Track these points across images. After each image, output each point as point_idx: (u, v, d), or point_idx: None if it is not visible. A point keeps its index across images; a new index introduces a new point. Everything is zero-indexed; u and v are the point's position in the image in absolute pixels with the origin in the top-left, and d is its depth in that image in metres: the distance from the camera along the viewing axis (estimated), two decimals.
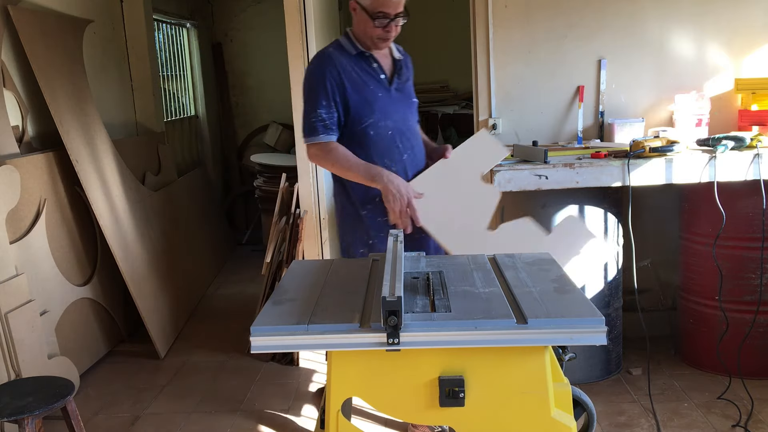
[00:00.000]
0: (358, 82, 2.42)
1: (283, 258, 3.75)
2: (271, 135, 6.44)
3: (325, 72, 2.40)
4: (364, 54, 2.46)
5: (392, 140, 2.48)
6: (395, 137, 2.49)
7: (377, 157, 2.46)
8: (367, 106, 2.43)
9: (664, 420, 2.86)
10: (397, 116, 2.50)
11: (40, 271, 3.26)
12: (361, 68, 2.45)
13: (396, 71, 2.53)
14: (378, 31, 2.36)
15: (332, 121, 2.42)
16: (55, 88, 3.56)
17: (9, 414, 2.17)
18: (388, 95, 2.48)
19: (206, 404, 3.26)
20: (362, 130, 2.45)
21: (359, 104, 2.42)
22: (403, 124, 2.51)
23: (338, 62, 2.42)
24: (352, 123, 2.45)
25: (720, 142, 2.89)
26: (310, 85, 2.44)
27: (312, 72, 2.45)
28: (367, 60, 2.47)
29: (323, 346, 1.47)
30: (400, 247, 1.83)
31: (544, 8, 3.41)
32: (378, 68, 2.48)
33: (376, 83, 2.46)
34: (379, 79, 2.47)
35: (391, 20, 2.34)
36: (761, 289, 3.08)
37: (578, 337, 1.38)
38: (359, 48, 2.45)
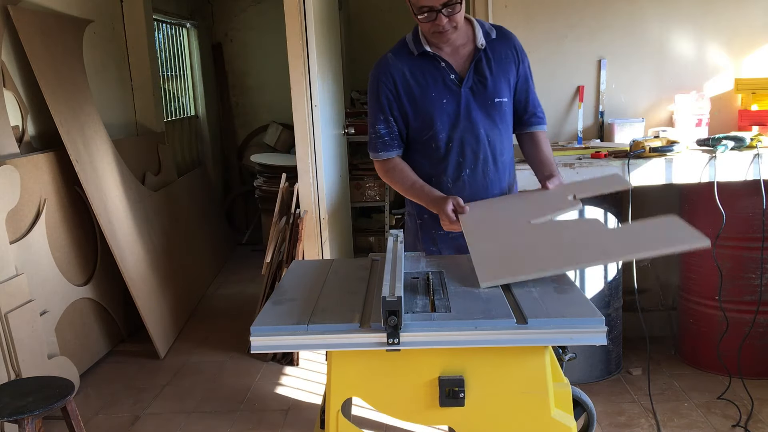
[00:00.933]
0: (418, 89, 2.15)
1: (283, 258, 3.75)
2: (271, 135, 6.44)
3: (380, 84, 2.17)
4: (428, 53, 2.14)
5: (453, 154, 2.18)
6: (457, 150, 2.18)
7: (440, 171, 2.20)
8: (427, 117, 2.15)
9: (664, 420, 2.86)
10: (464, 124, 2.16)
11: (40, 271, 3.26)
12: (425, 70, 2.15)
13: (473, 65, 2.15)
14: (427, 25, 2.06)
15: (392, 137, 2.19)
16: (55, 88, 3.55)
17: (9, 414, 2.17)
18: (455, 100, 2.15)
19: (206, 404, 3.26)
20: (424, 142, 2.20)
21: (418, 116, 2.16)
22: (470, 133, 2.16)
23: (395, 70, 2.16)
24: (413, 133, 2.21)
25: (720, 142, 2.89)
26: (369, 97, 2.23)
27: (370, 83, 2.22)
28: (431, 60, 2.15)
29: (323, 346, 1.47)
30: (400, 247, 1.83)
31: (544, 8, 3.41)
32: (446, 68, 2.14)
33: (441, 87, 2.14)
34: (446, 81, 2.14)
35: (438, 11, 2.00)
36: (761, 289, 3.08)
37: (578, 337, 1.38)
38: (423, 47, 2.14)
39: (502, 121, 2.20)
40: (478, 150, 2.18)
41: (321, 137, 3.69)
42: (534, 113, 2.28)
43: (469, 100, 2.15)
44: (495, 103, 2.16)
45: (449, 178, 2.20)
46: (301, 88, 3.60)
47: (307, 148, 3.67)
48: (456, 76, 2.15)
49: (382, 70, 2.18)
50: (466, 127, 2.16)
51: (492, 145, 2.19)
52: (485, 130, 2.17)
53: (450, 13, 2.00)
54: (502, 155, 2.23)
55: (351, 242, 4.85)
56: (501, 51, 2.18)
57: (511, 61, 2.19)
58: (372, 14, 6.07)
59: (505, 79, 2.18)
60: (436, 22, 2.02)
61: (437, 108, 2.14)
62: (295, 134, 3.67)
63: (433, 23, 2.02)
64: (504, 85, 2.17)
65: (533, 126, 2.29)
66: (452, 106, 2.15)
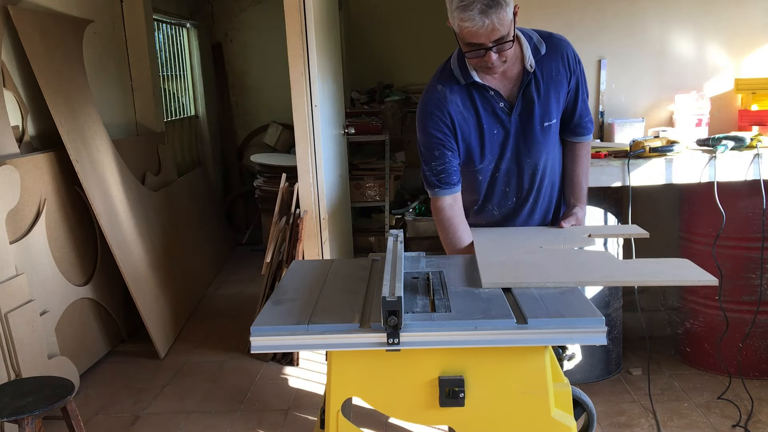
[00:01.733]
0: (470, 122, 2.05)
1: (283, 258, 3.75)
2: (271, 135, 6.44)
3: (434, 118, 2.04)
4: (476, 83, 2.02)
5: (500, 184, 2.14)
6: (503, 180, 2.13)
7: (486, 199, 2.18)
8: (478, 149, 2.08)
9: (664, 420, 2.86)
10: (512, 153, 2.09)
11: (40, 271, 3.26)
12: (475, 101, 2.04)
13: (521, 90, 2.03)
14: (475, 61, 1.92)
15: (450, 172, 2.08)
16: (55, 88, 3.55)
17: (9, 414, 2.17)
18: (504, 130, 2.06)
19: (206, 404, 3.26)
20: (472, 174, 2.13)
21: (470, 149, 2.08)
22: (516, 161, 2.10)
23: (448, 102, 2.03)
24: (463, 165, 2.13)
25: (720, 142, 2.89)
26: (420, 131, 2.10)
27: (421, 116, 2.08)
28: (480, 89, 2.03)
29: (323, 346, 1.47)
30: (400, 247, 1.83)
31: (544, 8, 3.41)
32: (495, 96, 2.03)
33: (491, 118, 2.05)
34: (495, 111, 2.04)
35: (488, 49, 1.85)
36: (761, 289, 3.08)
37: (578, 337, 1.38)
38: (471, 77, 2.01)
39: (551, 143, 2.11)
40: (525, 178, 2.13)
41: (321, 137, 3.69)
42: (580, 123, 2.16)
43: (518, 128, 2.06)
44: (544, 128, 2.07)
45: (494, 206, 2.18)
46: (301, 88, 3.60)
47: (307, 148, 3.67)
48: (505, 104, 2.04)
49: (434, 104, 2.05)
50: (513, 156, 2.09)
51: (538, 172, 2.12)
52: (532, 156, 2.10)
53: (500, 50, 1.86)
54: (548, 178, 2.16)
55: (351, 242, 4.85)
56: (551, 67, 2.03)
57: (562, 76, 2.05)
58: (372, 14, 6.07)
59: (555, 98, 2.06)
60: (485, 58, 1.88)
61: (489, 140, 2.06)
62: (295, 134, 3.67)
63: (482, 59, 1.89)
64: (553, 105, 2.07)
65: (578, 136, 2.18)
66: (501, 136, 2.07)
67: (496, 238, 2.06)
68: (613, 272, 1.70)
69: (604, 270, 1.70)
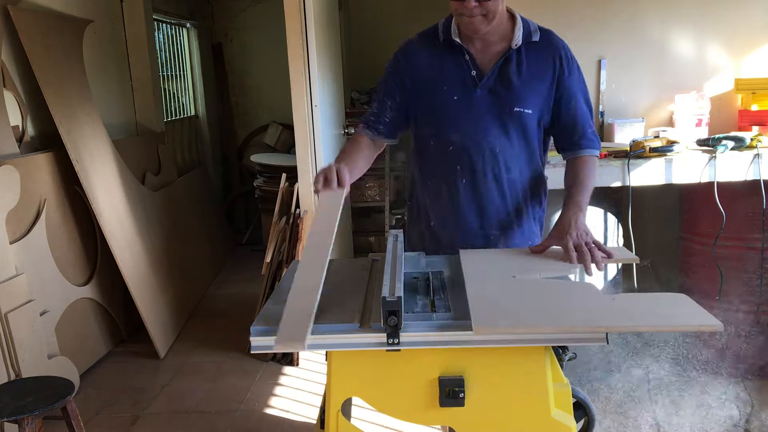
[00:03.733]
0: (431, 80, 1.94)
1: (283, 258, 3.75)
2: (271, 135, 6.44)
3: (393, 65, 2.00)
4: (453, 42, 1.92)
5: (452, 159, 1.96)
6: (457, 155, 1.95)
7: (435, 174, 2.02)
8: (432, 113, 1.96)
9: (664, 420, 2.86)
10: (472, 127, 1.92)
11: (40, 271, 3.26)
12: (445, 60, 1.93)
13: (499, 65, 1.91)
14: (454, 4, 1.82)
15: (381, 119, 2.01)
16: (55, 89, 3.55)
17: (9, 414, 2.17)
18: (467, 99, 1.92)
19: (206, 404, 3.26)
20: (425, 140, 2.01)
21: (423, 110, 1.98)
22: (473, 139, 1.93)
23: (413, 54, 1.97)
24: (416, 129, 2.03)
25: (720, 142, 2.89)
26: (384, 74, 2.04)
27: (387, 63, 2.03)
28: (455, 50, 1.93)
29: (323, 346, 1.47)
30: (400, 247, 1.83)
31: (544, 8, 3.41)
32: (468, 62, 1.92)
33: (456, 83, 1.92)
34: (464, 77, 1.92)
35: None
36: (761, 289, 3.08)
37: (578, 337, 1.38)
38: (449, 33, 1.92)
39: (519, 135, 1.94)
40: (479, 160, 1.94)
41: (321, 137, 3.69)
42: (584, 134, 1.96)
43: (483, 103, 1.91)
44: (514, 113, 1.90)
45: (444, 184, 2.00)
46: (301, 88, 3.60)
47: (307, 148, 3.67)
48: (477, 73, 1.91)
49: (402, 50, 2.00)
50: (470, 133, 1.93)
51: (496, 158, 1.94)
52: (492, 139, 1.92)
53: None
54: (509, 172, 1.96)
55: (351, 242, 4.85)
56: (540, 57, 1.92)
57: (549, 71, 1.92)
58: (372, 14, 6.07)
59: (535, 89, 1.91)
60: (464, 3, 1.78)
61: (446, 104, 1.92)
62: (295, 134, 3.67)
63: (461, 4, 1.79)
64: (533, 95, 1.91)
65: (582, 150, 1.96)
66: (462, 106, 1.91)
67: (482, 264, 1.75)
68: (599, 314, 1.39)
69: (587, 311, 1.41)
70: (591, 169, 1.96)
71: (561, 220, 1.82)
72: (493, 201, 1.99)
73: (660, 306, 1.42)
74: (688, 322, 1.36)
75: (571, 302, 1.47)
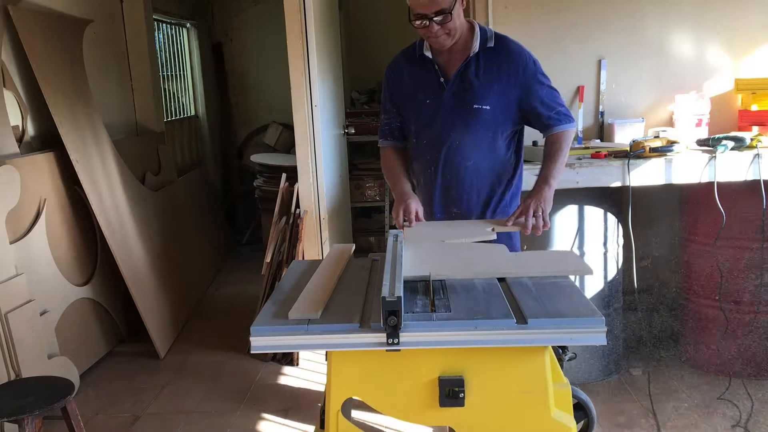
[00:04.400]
0: (411, 89, 2.33)
1: (283, 258, 3.75)
2: (271, 135, 6.44)
3: (387, 78, 2.41)
4: (425, 57, 2.30)
5: (425, 151, 2.34)
6: (429, 148, 2.33)
7: (416, 164, 2.41)
8: (413, 114, 2.34)
9: (664, 420, 2.86)
10: (440, 125, 2.29)
11: (40, 271, 3.26)
12: (420, 72, 2.31)
13: (461, 71, 2.26)
14: (422, 31, 2.18)
15: (391, 127, 2.41)
16: (55, 88, 3.55)
17: (9, 414, 2.17)
18: (437, 101, 2.28)
19: (206, 404, 3.26)
20: (413, 136, 2.39)
21: (408, 113, 2.37)
22: (442, 134, 2.29)
23: (398, 69, 2.37)
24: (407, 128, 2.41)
25: (720, 142, 2.89)
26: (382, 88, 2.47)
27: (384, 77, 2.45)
28: (428, 63, 2.30)
29: (323, 346, 1.47)
30: (400, 247, 1.83)
31: (544, 8, 3.41)
32: (437, 71, 2.28)
33: (428, 89, 2.29)
34: (433, 84, 2.29)
35: (430, 19, 2.11)
36: (761, 289, 3.08)
37: (578, 337, 1.38)
38: (422, 50, 2.30)
39: (480, 128, 2.25)
40: (444, 151, 2.29)
41: (321, 137, 3.69)
42: (550, 115, 2.26)
43: (449, 104, 2.26)
44: (474, 109, 2.23)
45: (420, 174, 2.39)
46: (301, 88, 3.60)
47: (307, 148, 3.67)
48: (445, 80, 2.27)
49: (390, 66, 2.40)
50: (438, 129, 2.28)
51: (458, 149, 2.28)
52: (456, 133, 2.27)
53: (441, 22, 2.11)
54: (470, 160, 2.28)
55: (351, 242, 4.84)
56: (495, 59, 2.24)
57: (504, 70, 2.23)
58: (372, 14, 6.07)
59: (492, 88, 2.23)
60: (429, 28, 2.13)
61: (421, 107, 2.30)
62: (295, 134, 3.67)
63: (427, 29, 2.14)
64: (489, 93, 2.23)
65: (552, 128, 2.28)
66: (432, 108, 2.28)
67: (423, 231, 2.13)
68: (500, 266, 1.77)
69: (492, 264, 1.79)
70: (562, 143, 2.27)
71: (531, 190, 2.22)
72: (458, 186, 2.33)
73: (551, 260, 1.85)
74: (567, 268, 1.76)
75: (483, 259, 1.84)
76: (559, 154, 2.24)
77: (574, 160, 2.95)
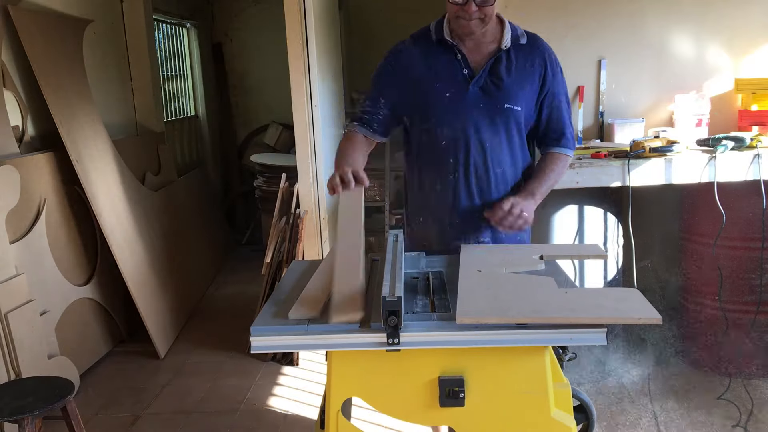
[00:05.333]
0: (425, 79, 2.02)
1: (283, 258, 3.75)
2: (271, 135, 6.44)
3: (386, 63, 2.10)
4: (446, 42, 2.02)
5: (444, 153, 2.04)
6: (449, 149, 2.03)
7: (427, 168, 2.09)
8: (425, 109, 2.04)
9: (664, 420, 2.86)
10: (463, 123, 2.01)
11: (40, 271, 3.26)
12: (439, 59, 2.02)
13: (490, 64, 2.01)
14: (454, 8, 1.92)
15: (374, 118, 2.09)
16: (55, 88, 3.55)
17: (9, 414, 2.17)
18: (460, 95, 2.00)
19: (206, 404, 3.26)
20: (418, 134, 2.08)
21: (416, 107, 2.05)
22: (466, 133, 2.01)
23: (406, 54, 2.06)
24: (411, 124, 2.11)
25: (720, 143, 2.89)
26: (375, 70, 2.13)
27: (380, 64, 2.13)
28: (449, 49, 2.02)
29: (323, 346, 1.47)
30: (400, 247, 1.83)
31: (544, 8, 3.41)
32: (461, 60, 2.01)
33: (449, 80, 2.01)
34: (456, 75, 2.01)
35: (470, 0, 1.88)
36: (761, 289, 3.08)
37: (578, 337, 1.38)
38: (442, 34, 2.02)
39: (508, 131, 2.04)
40: (471, 154, 2.03)
41: (321, 137, 3.69)
42: (563, 134, 2.09)
43: (475, 100, 2.00)
44: (504, 109, 2.00)
45: (438, 178, 2.07)
46: (301, 88, 3.60)
47: (307, 148, 3.67)
48: (469, 72, 2.01)
49: (394, 51, 2.10)
50: (463, 128, 2.01)
51: (487, 153, 2.03)
52: (484, 135, 2.02)
53: (482, 3, 1.89)
54: (500, 167, 2.05)
55: None
56: (527, 58, 2.03)
57: (536, 71, 2.04)
58: (372, 14, 6.07)
59: (523, 88, 2.02)
60: (465, 7, 1.89)
61: (439, 101, 2.01)
62: (295, 134, 3.67)
63: (462, 8, 1.89)
64: (521, 93, 2.02)
65: (555, 147, 2.10)
66: (455, 103, 2.00)
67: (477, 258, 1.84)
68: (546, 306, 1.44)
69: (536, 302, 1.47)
70: (559, 165, 2.09)
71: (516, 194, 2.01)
72: (484, 194, 2.06)
73: (608, 299, 1.48)
74: (630, 315, 1.40)
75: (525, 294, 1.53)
76: (552, 175, 2.06)
77: (574, 160, 2.95)
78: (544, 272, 1.72)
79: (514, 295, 1.53)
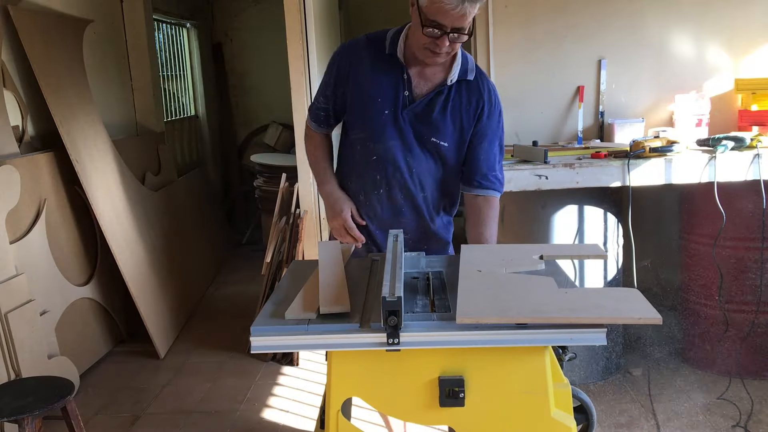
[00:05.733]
0: (368, 89, 2.01)
1: (283, 258, 3.75)
2: (271, 135, 6.44)
3: (339, 61, 2.05)
4: (396, 58, 1.98)
5: (374, 167, 2.06)
6: (379, 166, 2.05)
7: (357, 176, 2.12)
8: (363, 120, 2.04)
9: (664, 420, 2.86)
10: (395, 143, 2.02)
11: (40, 271, 3.26)
12: (385, 73, 1.99)
13: (430, 98, 1.99)
14: (426, 39, 1.84)
15: (329, 113, 2.11)
16: (55, 88, 3.55)
17: (9, 414, 2.17)
18: (395, 116, 2.00)
19: (206, 404, 3.26)
20: (353, 140, 2.10)
21: (357, 113, 2.05)
22: (395, 155, 2.03)
23: (359, 56, 2.02)
24: (347, 126, 2.12)
25: (720, 142, 2.89)
26: (328, 65, 2.10)
27: (334, 53, 2.10)
28: (397, 66, 1.99)
29: (323, 346, 1.47)
30: (400, 247, 1.83)
31: (544, 8, 3.41)
32: (406, 81, 1.99)
33: (389, 97, 1.99)
34: (398, 95, 1.99)
35: (445, 33, 1.82)
36: (761, 289, 3.08)
37: (578, 337, 1.38)
38: (395, 49, 1.98)
39: (436, 161, 2.05)
40: (396, 175, 2.04)
41: None
42: (486, 175, 2.05)
43: (407, 125, 2.01)
44: (431, 142, 2.02)
45: (363, 189, 2.10)
46: (301, 88, 3.60)
47: None
48: (410, 96, 1.99)
49: (348, 47, 2.06)
50: (393, 147, 2.02)
51: (414, 176, 2.05)
52: (412, 159, 2.03)
53: (455, 40, 1.84)
54: (423, 192, 2.08)
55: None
56: (468, 96, 2.01)
57: (472, 110, 2.01)
58: (372, 14, 6.07)
59: (456, 125, 2.01)
60: (437, 41, 1.83)
61: (377, 116, 2.00)
62: (295, 134, 3.67)
63: (434, 41, 1.84)
64: (451, 130, 2.01)
65: (480, 189, 2.06)
66: (389, 121, 2.00)
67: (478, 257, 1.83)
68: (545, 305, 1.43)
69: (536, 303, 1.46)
70: (494, 209, 2.08)
71: None
72: (405, 214, 2.11)
73: (608, 299, 1.47)
74: (630, 315, 1.39)
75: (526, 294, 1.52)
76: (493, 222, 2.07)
77: (574, 160, 2.95)
78: (544, 272, 1.72)
79: (514, 295, 1.53)
